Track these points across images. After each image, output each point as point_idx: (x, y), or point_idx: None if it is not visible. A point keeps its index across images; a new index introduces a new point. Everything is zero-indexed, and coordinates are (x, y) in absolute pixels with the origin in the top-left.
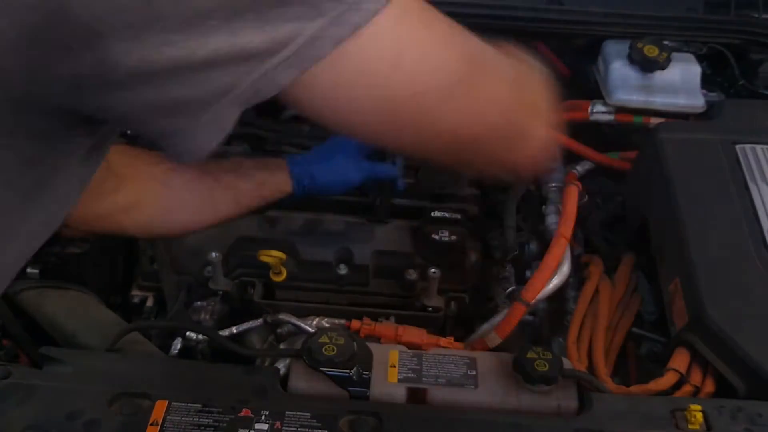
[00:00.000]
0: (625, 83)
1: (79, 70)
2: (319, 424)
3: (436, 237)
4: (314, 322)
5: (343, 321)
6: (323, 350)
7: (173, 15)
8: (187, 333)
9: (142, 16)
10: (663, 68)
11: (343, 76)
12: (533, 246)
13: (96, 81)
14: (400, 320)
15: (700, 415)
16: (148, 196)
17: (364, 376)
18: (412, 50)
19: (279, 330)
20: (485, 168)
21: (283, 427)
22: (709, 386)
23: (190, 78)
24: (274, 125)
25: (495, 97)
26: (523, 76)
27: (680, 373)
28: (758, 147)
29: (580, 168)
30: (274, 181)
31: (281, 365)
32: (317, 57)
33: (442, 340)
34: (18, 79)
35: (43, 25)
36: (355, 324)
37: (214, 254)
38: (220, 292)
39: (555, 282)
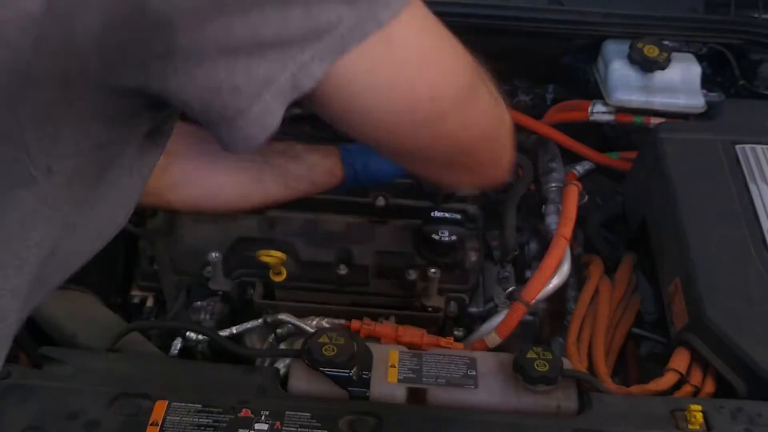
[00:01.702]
0: (625, 83)
1: (148, 56)
2: (319, 424)
3: (436, 237)
4: (314, 323)
5: (343, 321)
6: (323, 350)
7: (236, 3)
8: (187, 333)
9: (211, 5)
10: (663, 68)
11: (372, 72)
12: (533, 246)
13: (162, 65)
14: (400, 320)
15: (700, 415)
16: (195, 175)
17: (364, 376)
18: (434, 55)
19: (279, 330)
20: (469, 177)
21: (283, 427)
22: (709, 386)
23: (240, 65)
24: None
25: (487, 107)
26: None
27: (680, 373)
28: (758, 147)
29: (580, 168)
30: (325, 165)
31: (281, 365)
32: (345, 49)
33: (442, 340)
34: (96, 65)
35: (124, 16)
36: (355, 324)
37: (214, 254)
38: (220, 292)
39: (555, 282)
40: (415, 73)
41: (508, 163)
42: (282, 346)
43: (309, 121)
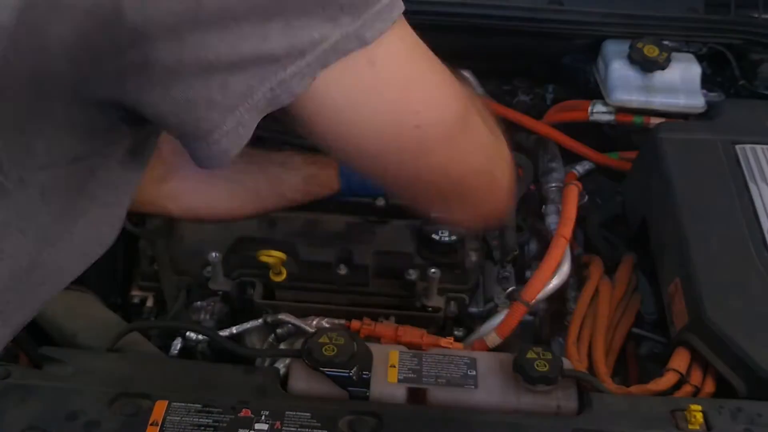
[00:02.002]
0: (625, 83)
1: (123, 68)
2: (319, 424)
3: (436, 237)
4: (314, 323)
5: (343, 321)
6: (323, 350)
7: (214, 18)
8: (187, 333)
9: (187, 19)
10: (663, 68)
11: (355, 91)
12: (533, 246)
13: (137, 78)
14: (400, 320)
15: (700, 415)
16: (193, 186)
17: (364, 376)
18: (420, 81)
19: (279, 330)
20: (462, 214)
21: (283, 427)
22: (709, 386)
23: (217, 79)
24: (274, 125)
25: (482, 141)
26: (493, 124)
27: (680, 373)
28: (758, 147)
29: (580, 168)
30: (322, 177)
31: (281, 365)
32: (326, 65)
33: (442, 340)
34: (69, 76)
35: (97, 28)
36: (355, 324)
37: (214, 254)
38: (220, 292)
39: (555, 282)
40: (398, 97)
41: (506, 201)
42: (282, 346)
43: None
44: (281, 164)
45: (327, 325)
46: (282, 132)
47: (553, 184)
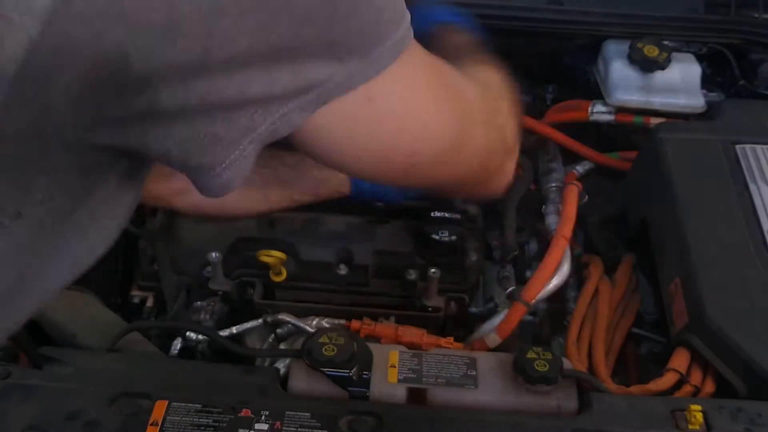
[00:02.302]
0: (625, 83)
1: (127, 116)
2: (319, 424)
3: (436, 237)
4: (314, 322)
5: (343, 321)
6: (323, 350)
7: (221, 65)
8: (187, 333)
9: (194, 67)
10: (663, 68)
11: (353, 124)
12: (533, 246)
13: (140, 121)
14: (400, 320)
15: (700, 415)
16: None
17: (364, 376)
18: (414, 115)
19: (279, 330)
20: (466, 193)
21: (283, 427)
22: (709, 386)
23: (220, 118)
24: None
25: (476, 150)
26: (501, 111)
27: (680, 373)
28: (758, 147)
29: (580, 168)
30: (332, 182)
31: (281, 365)
32: (327, 100)
33: (442, 340)
34: (71, 125)
35: (103, 78)
36: (355, 324)
37: (214, 254)
38: (220, 292)
39: (555, 282)
40: (393, 130)
41: (507, 177)
42: (282, 346)
43: None
44: (293, 167)
45: (327, 325)
46: None
47: (553, 184)
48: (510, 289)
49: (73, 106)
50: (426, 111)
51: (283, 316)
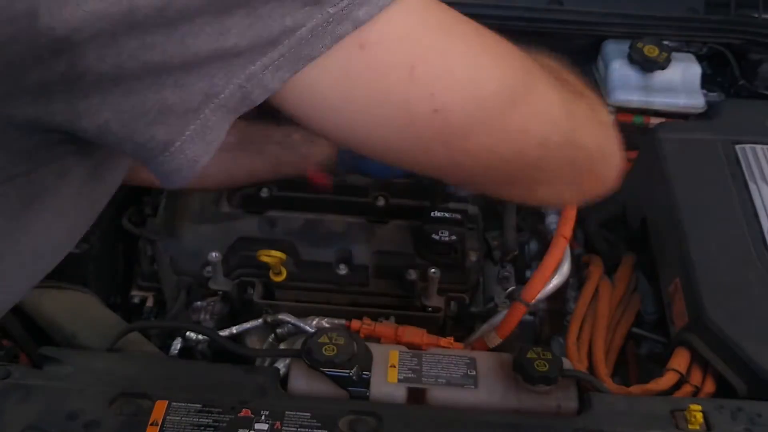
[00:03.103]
0: (625, 83)
1: (47, 78)
2: (319, 424)
3: (436, 237)
4: (314, 322)
5: (343, 321)
6: (323, 350)
7: (155, 17)
8: (187, 333)
9: (120, 20)
10: (663, 68)
11: (347, 80)
12: (533, 246)
13: (65, 88)
14: (400, 320)
15: (700, 415)
16: None
17: (364, 376)
18: (431, 58)
19: (279, 330)
20: (552, 194)
21: (283, 427)
22: (709, 386)
23: (169, 82)
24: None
25: (548, 111)
26: (574, 83)
27: (680, 373)
28: (758, 147)
29: None
30: (319, 157)
31: (281, 365)
32: (311, 56)
33: (442, 340)
34: None
35: (12, 38)
36: (355, 324)
37: (214, 254)
38: (220, 292)
39: (555, 282)
40: (402, 81)
41: (613, 168)
42: (282, 346)
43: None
44: (279, 143)
45: (327, 325)
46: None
47: None
48: (510, 289)
49: None
50: (448, 52)
51: (283, 316)
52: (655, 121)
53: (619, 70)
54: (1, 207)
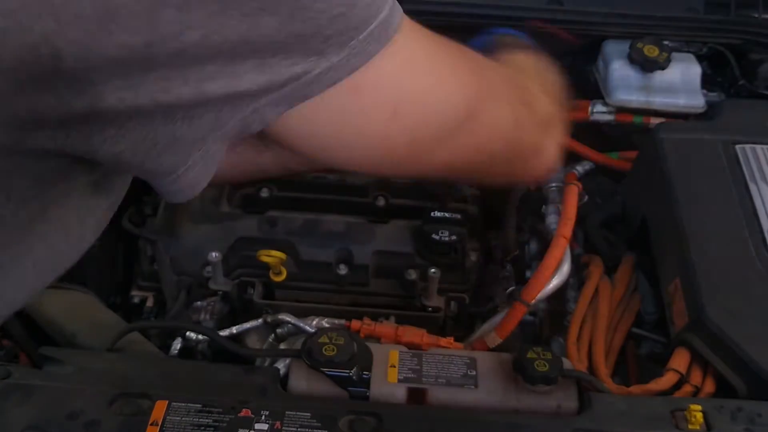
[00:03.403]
0: (625, 83)
1: (67, 115)
2: (319, 424)
3: (436, 237)
4: (314, 322)
5: (343, 321)
6: (323, 350)
7: (170, 62)
8: (187, 333)
9: (138, 65)
10: (663, 68)
11: (339, 118)
12: (533, 246)
13: (84, 124)
14: (400, 320)
15: (700, 415)
16: None
17: (364, 376)
18: (411, 99)
19: (279, 330)
20: (485, 180)
21: (283, 427)
22: (709, 386)
23: (179, 116)
24: None
25: (496, 126)
26: (530, 89)
27: (680, 373)
28: (758, 147)
29: (580, 168)
30: None
31: (281, 365)
32: (308, 96)
33: (442, 340)
34: (5, 125)
35: (34, 74)
36: (355, 324)
37: (214, 254)
38: (220, 292)
39: (555, 282)
40: (388, 118)
41: (549, 158)
42: (282, 346)
43: None
44: None
45: (327, 325)
46: None
47: (553, 184)
48: (510, 289)
49: (5, 104)
50: (427, 91)
51: (283, 316)
52: (655, 121)
53: (619, 70)
54: (10, 223)
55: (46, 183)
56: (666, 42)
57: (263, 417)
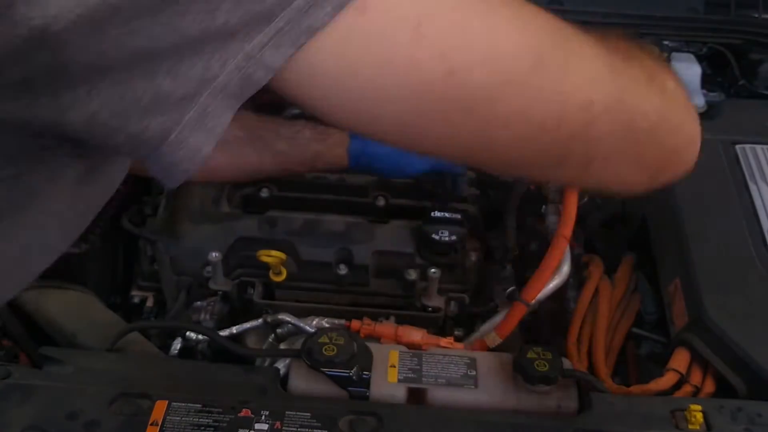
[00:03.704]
0: None
1: (29, 73)
2: (319, 424)
3: (436, 237)
4: (314, 322)
5: (343, 321)
6: (323, 350)
7: (137, 1)
8: (187, 333)
9: (99, 7)
10: None
11: (350, 50)
12: (533, 246)
13: (49, 81)
14: (400, 320)
15: (700, 415)
16: None
17: (364, 376)
18: (438, 14)
19: (279, 330)
20: (609, 174)
21: (283, 427)
22: (709, 386)
23: (161, 69)
24: None
25: (584, 70)
26: (645, 63)
27: (680, 373)
28: (758, 147)
29: None
30: (329, 156)
31: (281, 365)
32: (312, 28)
33: (442, 340)
34: None
35: None
36: (355, 324)
37: (214, 254)
38: (220, 292)
39: (555, 282)
40: (408, 42)
41: (687, 142)
42: (282, 346)
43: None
44: (289, 139)
45: (327, 325)
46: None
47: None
48: (510, 289)
49: None
50: (459, 8)
51: (283, 316)
52: None
53: None
54: None
55: (24, 166)
56: (666, 42)
57: (263, 417)
